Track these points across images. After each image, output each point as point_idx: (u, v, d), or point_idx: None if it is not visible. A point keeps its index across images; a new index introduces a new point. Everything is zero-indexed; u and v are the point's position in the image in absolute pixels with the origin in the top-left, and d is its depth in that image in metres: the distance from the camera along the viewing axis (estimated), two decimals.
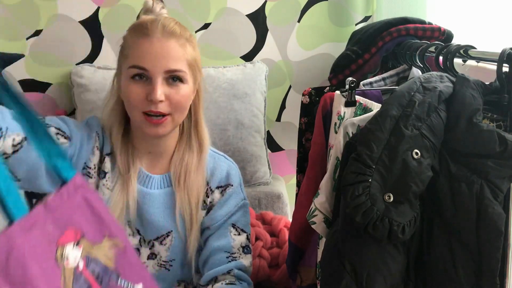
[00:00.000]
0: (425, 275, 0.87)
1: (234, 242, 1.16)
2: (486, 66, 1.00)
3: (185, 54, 1.04)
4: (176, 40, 1.03)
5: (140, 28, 1.03)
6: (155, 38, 1.01)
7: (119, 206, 1.08)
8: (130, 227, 1.12)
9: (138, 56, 1.01)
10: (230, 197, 1.16)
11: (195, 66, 1.07)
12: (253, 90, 1.82)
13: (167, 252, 1.14)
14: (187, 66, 1.04)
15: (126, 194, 1.09)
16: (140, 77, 1.02)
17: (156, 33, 1.01)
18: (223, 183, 1.16)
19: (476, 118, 0.83)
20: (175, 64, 1.02)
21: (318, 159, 1.15)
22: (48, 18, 1.86)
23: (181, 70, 1.03)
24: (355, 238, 0.86)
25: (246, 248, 1.17)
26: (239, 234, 1.17)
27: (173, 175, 1.13)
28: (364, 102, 1.04)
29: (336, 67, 1.47)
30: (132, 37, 1.04)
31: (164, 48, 1.01)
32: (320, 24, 1.91)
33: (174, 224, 1.12)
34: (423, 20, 1.36)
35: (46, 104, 1.95)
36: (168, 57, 1.01)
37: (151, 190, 1.12)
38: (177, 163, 1.13)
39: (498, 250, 0.80)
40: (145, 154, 1.14)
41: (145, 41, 1.01)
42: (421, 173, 0.82)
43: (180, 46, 1.03)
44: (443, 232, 0.85)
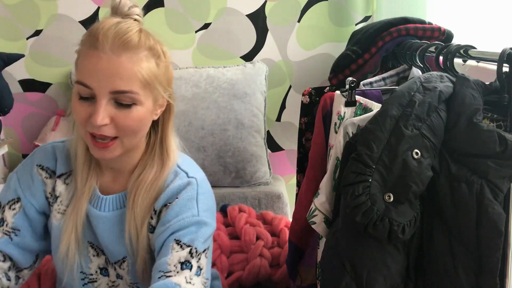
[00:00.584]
0: (425, 275, 0.87)
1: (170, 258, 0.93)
2: (486, 66, 1.00)
3: (139, 71, 0.88)
4: (130, 55, 0.87)
5: (91, 38, 0.88)
6: (103, 52, 0.86)
7: (69, 226, 1.00)
8: (93, 248, 1.04)
9: (84, 72, 0.88)
10: (173, 209, 0.97)
11: (154, 85, 0.91)
12: (253, 90, 1.82)
13: (128, 275, 1.05)
14: (141, 86, 0.89)
15: (75, 214, 1.00)
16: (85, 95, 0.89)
17: (106, 45, 0.86)
18: (171, 199, 0.98)
19: (476, 118, 0.83)
20: (123, 85, 0.87)
21: (318, 159, 1.15)
22: (48, 18, 1.86)
23: (131, 92, 0.88)
24: (355, 238, 0.86)
25: (185, 264, 0.94)
26: (181, 249, 0.94)
27: (128, 194, 1.00)
28: (364, 102, 1.04)
29: (336, 67, 1.47)
30: (83, 46, 0.90)
31: (112, 65, 0.86)
32: (320, 24, 1.91)
33: (126, 249, 1.01)
34: (423, 20, 1.36)
35: (46, 104, 1.95)
36: (117, 76, 0.86)
37: (103, 213, 1.01)
38: (134, 179, 1.00)
39: (498, 250, 0.80)
40: (106, 170, 1.04)
41: (94, 55, 0.87)
42: (421, 173, 0.82)
43: (133, 62, 0.87)
44: (443, 232, 0.85)
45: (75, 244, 1.01)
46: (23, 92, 1.93)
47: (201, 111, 1.78)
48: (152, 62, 0.91)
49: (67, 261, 1.01)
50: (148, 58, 0.90)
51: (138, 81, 0.88)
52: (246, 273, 1.42)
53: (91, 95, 0.88)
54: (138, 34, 0.90)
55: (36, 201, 1.03)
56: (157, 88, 0.92)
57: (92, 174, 1.02)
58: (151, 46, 0.91)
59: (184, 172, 1.02)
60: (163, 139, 1.01)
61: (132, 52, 0.87)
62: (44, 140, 1.86)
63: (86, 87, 0.87)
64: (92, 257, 1.05)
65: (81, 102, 0.89)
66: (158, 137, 1.01)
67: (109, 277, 1.07)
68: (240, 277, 1.42)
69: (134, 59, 0.88)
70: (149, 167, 1.00)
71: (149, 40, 0.91)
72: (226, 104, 1.78)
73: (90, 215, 1.02)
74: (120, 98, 0.88)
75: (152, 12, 1.87)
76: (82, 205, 1.00)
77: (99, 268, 1.06)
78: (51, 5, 1.85)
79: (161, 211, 0.99)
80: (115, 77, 0.86)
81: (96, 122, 0.86)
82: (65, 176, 1.04)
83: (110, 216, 1.02)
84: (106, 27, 0.88)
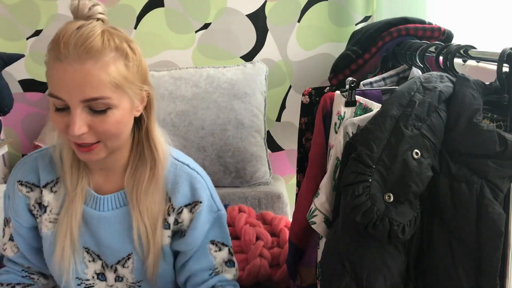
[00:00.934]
0: (425, 275, 0.87)
1: (216, 260, 1.07)
2: (486, 66, 1.00)
3: (108, 75, 0.86)
4: (94, 61, 0.84)
5: (54, 48, 0.86)
6: (67, 63, 0.84)
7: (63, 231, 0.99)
8: (89, 253, 1.04)
9: (54, 85, 0.86)
10: (201, 215, 1.03)
11: (127, 85, 0.89)
12: (253, 90, 1.82)
13: (132, 274, 1.05)
14: (112, 89, 0.87)
15: (70, 215, 0.99)
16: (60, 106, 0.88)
17: (69, 56, 0.83)
18: (189, 200, 1.02)
19: (476, 118, 0.83)
20: (94, 92, 0.85)
21: (318, 159, 1.15)
22: (48, 18, 1.86)
23: (103, 97, 0.86)
24: (355, 238, 0.86)
25: (229, 262, 1.09)
26: (220, 250, 1.07)
27: (128, 192, 1.01)
28: (364, 102, 1.04)
29: (336, 67, 1.47)
30: (49, 57, 0.88)
31: (79, 75, 0.84)
32: (320, 24, 1.91)
33: (133, 246, 1.02)
34: (423, 20, 1.36)
35: (46, 104, 1.95)
36: (85, 84, 0.84)
37: (103, 213, 1.01)
38: (130, 178, 1.01)
39: (498, 250, 0.80)
40: (96, 172, 1.03)
41: (59, 67, 0.84)
42: (421, 173, 0.82)
43: (99, 68, 0.85)
44: (443, 232, 0.85)
45: (70, 248, 1.01)
46: (23, 92, 1.93)
47: (201, 111, 1.78)
48: (120, 63, 0.88)
49: (63, 266, 1.02)
50: (115, 59, 0.87)
51: (108, 86, 0.86)
52: (246, 273, 1.42)
53: (66, 106, 0.87)
54: (101, 37, 0.86)
55: (22, 220, 1.05)
56: (131, 88, 0.91)
57: (82, 175, 1.01)
58: (117, 46, 0.88)
59: (185, 165, 1.04)
60: (149, 134, 1.00)
61: (97, 58, 0.85)
62: (44, 140, 1.86)
63: (58, 99, 0.86)
64: (88, 263, 1.05)
65: (57, 113, 0.88)
66: (143, 132, 1.00)
67: (106, 281, 1.07)
68: (240, 277, 1.42)
69: (99, 64, 0.85)
70: (141, 164, 1.00)
71: (113, 40, 0.88)
72: (226, 104, 1.78)
73: (88, 216, 1.01)
74: (93, 105, 0.87)
75: (152, 12, 1.87)
76: (77, 208, 1.00)
77: (96, 273, 1.06)
78: (51, 5, 1.85)
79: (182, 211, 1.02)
80: (83, 86, 0.84)
81: (74, 132, 0.86)
82: (52, 184, 1.03)
83: (110, 215, 1.01)
84: (67, 34, 0.85)
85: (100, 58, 0.85)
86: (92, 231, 1.02)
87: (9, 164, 1.98)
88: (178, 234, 1.06)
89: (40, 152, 1.06)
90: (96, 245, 1.04)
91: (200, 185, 1.03)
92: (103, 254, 1.04)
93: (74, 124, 0.86)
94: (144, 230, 1.00)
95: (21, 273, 1.09)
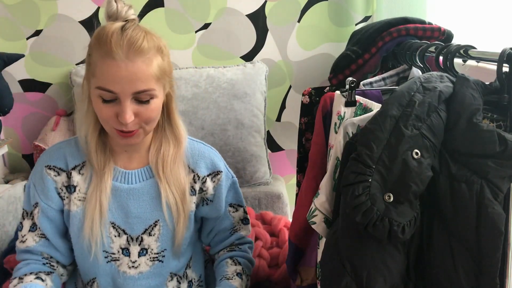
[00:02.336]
0: (425, 275, 0.87)
1: (234, 219, 1.26)
2: (486, 66, 1.00)
3: (153, 70, 1.00)
4: (143, 59, 0.99)
5: (105, 46, 0.98)
6: (120, 61, 0.97)
7: (92, 203, 1.10)
8: (115, 228, 1.14)
9: (105, 79, 0.98)
10: (222, 183, 1.20)
11: (164, 76, 1.05)
12: (253, 90, 1.82)
13: (157, 242, 1.15)
14: (155, 82, 1.02)
15: (99, 191, 1.10)
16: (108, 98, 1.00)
17: (121, 55, 0.97)
18: (211, 170, 1.19)
19: (476, 118, 0.83)
20: (143, 85, 0.99)
21: (318, 159, 1.15)
22: (48, 18, 1.86)
23: (150, 89, 1.01)
24: (355, 238, 0.86)
25: (244, 220, 1.28)
26: (236, 210, 1.26)
27: (153, 167, 1.15)
28: (364, 102, 1.04)
29: (336, 67, 1.47)
30: (97, 53, 0.99)
31: (131, 71, 0.97)
32: (320, 24, 1.91)
33: (161, 213, 1.14)
34: (423, 20, 1.36)
35: (46, 104, 1.95)
36: (136, 79, 0.98)
37: (133, 185, 1.14)
38: (154, 154, 1.15)
39: (498, 250, 0.80)
40: (121, 153, 1.15)
41: (111, 64, 0.97)
42: (421, 173, 0.82)
43: (147, 65, 0.99)
44: (443, 232, 0.85)
45: (100, 220, 1.10)
46: (23, 92, 1.93)
47: (201, 111, 1.78)
48: (159, 58, 1.02)
49: (92, 238, 1.10)
50: (156, 56, 1.01)
51: (153, 79, 1.01)
52: None
53: (115, 98, 0.99)
54: (145, 37, 1.00)
55: (51, 202, 1.14)
56: (165, 79, 1.06)
57: (108, 157, 1.13)
58: (155, 45, 1.02)
59: (200, 142, 1.22)
60: (171, 118, 1.15)
61: (144, 56, 0.99)
62: (44, 140, 1.86)
63: (110, 92, 0.98)
64: (114, 237, 1.14)
65: (105, 104, 1.01)
66: (165, 117, 1.15)
67: (129, 257, 1.15)
68: None
69: (147, 61, 0.99)
70: (165, 143, 1.15)
71: (153, 40, 1.02)
72: (226, 104, 1.78)
73: (118, 190, 1.13)
74: (140, 96, 1.00)
75: (152, 12, 1.87)
76: (106, 183, 1.11)
77: (121, 248, 1.14)
78: (51, 5, 1.85)
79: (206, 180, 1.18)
80: (135, 80, 0.98)
81: (126, 120, 0.99)
82: (79, 167, 1.14)
83: (139, 186, 1.14)
84: (115, 35, 0.98)
85: (146, 56, 0.99)
86: (121, 204, 1.13)
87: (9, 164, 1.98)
88: (202, 202, 1.21)
89: (65, 141, 1.18)
90: (123, 218, 1.13)
91: (216, 158, 1.21)
92: (129, 227, 1.14)
93: (125, 113, 0.99)
94: (173, 198, 1.14)
95: (41, 261, 1.15)
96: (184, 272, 1.23)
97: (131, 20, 1.03)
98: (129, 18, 1.03)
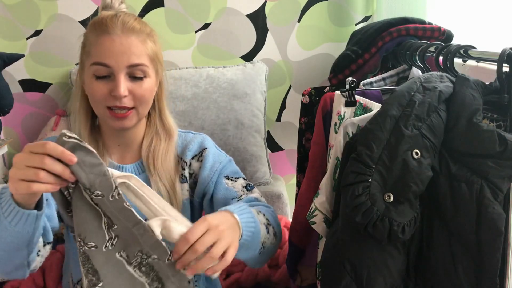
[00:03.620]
0: (425, 275, 0.87)
1: (234, 188, 1.18)
2: (486, 66, 1.00)
3: (146, 49, 1.06)
4: (136, 36, 1.04)
5: (100, 25, 1.04)
6: (115, 35, 1.02)
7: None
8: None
9: (100, 53, 1.02)
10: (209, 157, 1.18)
11: (156, 60, 1.09)
12: (253, 90, 1.82)
13: None
14: (149, 61, 1.06)
15: None
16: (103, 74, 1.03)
17: (116, 30, 1.03)
18: (197, 152, 1.18)
19: (476, 118, 0.83)
20: (137, 59, 1.03)
21: (318, 159, 1.15)
22: (48, 18, 1.86)
23: (143, 64, 1.05)
24: (355, 238, 0.86)
25: (248, 186, 1.20)
26: (235, 181, 1.19)
27: (144, 162, 1.15)
28: (364, 102, 1.04)
29: (336, 67, 1.47)
30: (92, 34, 1.05)
31: (125, 44, 1.03)
32: (320, 24, 1.91)
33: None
34: (423, 20, 1.36)
35: (46, 104, 1.95)
36: (130, 52, 1.03)
37: None
38: (146, 150, 1.15)
39: (498, 250, 0.80)
40: (114, 148, 1.16)
41: (106, 39, 1.02)
42: (421, 173, 0.82)
43: (140, 41, 1.05)
44: (443, 232, 0.85)
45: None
46: (23, 92, 1.93)
47: (201, 111, 1.78)
48: (152, 42, 1.08)
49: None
50: (149, 38, 1.07)
51: (147, 56, 1.05)
52: (245, 274, 1.42)
53: (108, 73, 1.02)
54: (138, 22, 1.07)
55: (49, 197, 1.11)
56: (158, 63, 1.10)
57: (102, 152, 1.13)
58: (149, 32, 1.08)
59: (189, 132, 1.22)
60: (161, 113, 1.17)
61: (138, 34, 1.04)
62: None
63: (105, 66, 1.02)
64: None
65: (98, 81, 1.03)
66: (156, 112, 1.16)
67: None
68: (238, 278, 1.42)
69: (140, 39, 1.05)
70: (156, 138, 1.16)
71: (146, 26, 1.08)
72: (226, 104, 1.78)
73: None
74: (134, 71, 1.03)
75: (152, 12, 1.87)
76: None
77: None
78: (51, 5, 1.85)
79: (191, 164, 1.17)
80: (128, 53, 1.02)
81: (120, 93, 1.01)
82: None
83: None
84: (109, 16, 1.05)
85: (140, 35, 1.05)
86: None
87: (9, 164, 1.98)
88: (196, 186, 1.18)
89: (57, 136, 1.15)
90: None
91: (205, 140, 1.21)
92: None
93: (119, 86, 1.01)
94: (165, 190, 1.13)
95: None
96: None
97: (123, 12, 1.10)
98: (121, 11, 1.10)
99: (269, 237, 1.04)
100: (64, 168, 0.79)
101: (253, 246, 0.99)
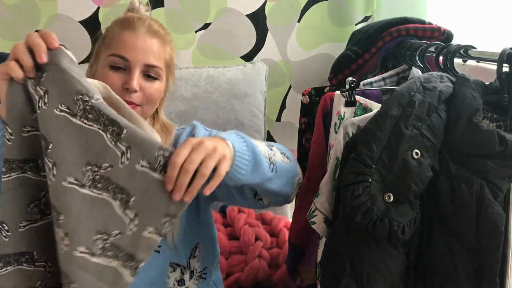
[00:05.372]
0: (425, 275, 0.87)
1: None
2: (486, 66, 1.00)
3: (165, 53, 1.09)
4: (159, 39, 1.08)
5: (127, 22, 1.08)
6: (140, 32, 1.06)
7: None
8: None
9: (121, 46, 1.05)
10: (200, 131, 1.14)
11: (170, 67, 1.12)
12: (253, 90, 1.82)
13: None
14: (165, 65, 1.09)
15: None
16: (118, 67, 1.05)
17: (142, 29, 1.06)
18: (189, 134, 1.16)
19: (476, 118, 0.83)
20: (155, 61, 1.06)
21: (318, 159, 1.15)
22: (48, 18, 1.86)
23: (159, 67, 1.07)
24: (355, 238, 0.86)
25: None
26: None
27: None
28: (364, 102, 1.04)
29: (336, 67, 1.47)
30: (116, 29, 1.08)
31: (148, 43, 1.06)
32: (320, 24, 1.91)
33: None
34: (423, 20, 1.36)
35: None
36: (150, 52, 1.06)
37: None
38: None
39: (498, 250, 0.80)
40: None
41: (130, 34, 1.06)
42: (421, 173, 0.82)
43: (161, 45, 1.08)
44: (443, 232, 0.85)
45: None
46: None
47: (201, 111, 1.78)
48: (171, 49, 1.11)
49: None
50: (168, 45, 1.11)
51: (164, 60, 1.08)
52: (245, 274, 1.42)
53: (124, 66, 1.04)
54: (162, 28, 1.11)
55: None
56: (170, 71, 1.13)
57: None
58: (170, 40, 1.12)
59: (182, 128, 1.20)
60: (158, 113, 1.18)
61: (160, 39, 1.08)
62: None
63: (123, 58, 1.04)
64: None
65: (112, 71, 1.04)
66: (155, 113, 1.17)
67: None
68: (239, 278, 1.42)
69: (162, 43, 1.08)
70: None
71: (168, 34, 1.12)
72: (226, 104, 1.78)
73: None
74: (150, 71, 1.06)
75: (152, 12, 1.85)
76: None
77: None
78: (51, 5, 1.85)
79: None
80: (149, 53, 1.05)
81: (133, 86, 1.02)
82: None
83: None
84: (136, 17, 1.09)
85: (162, 40, 1.08)
86: None
87: None
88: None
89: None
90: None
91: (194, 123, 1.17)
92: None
93: (133, 80, 1.03)
94: None
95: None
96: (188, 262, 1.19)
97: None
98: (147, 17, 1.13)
99: (275, 154, 0.97)
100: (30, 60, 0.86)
101: (257, 162, 0.89)
